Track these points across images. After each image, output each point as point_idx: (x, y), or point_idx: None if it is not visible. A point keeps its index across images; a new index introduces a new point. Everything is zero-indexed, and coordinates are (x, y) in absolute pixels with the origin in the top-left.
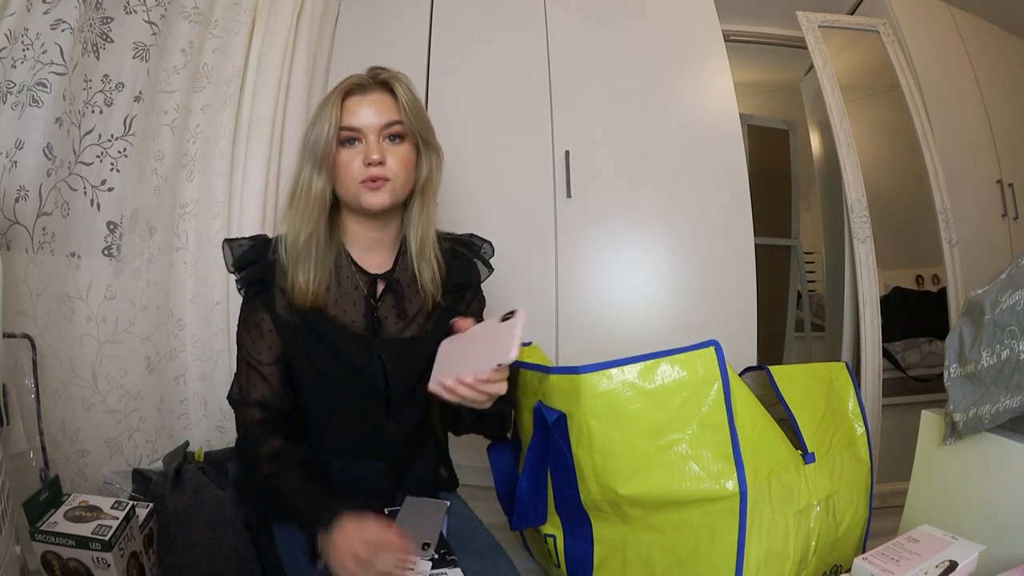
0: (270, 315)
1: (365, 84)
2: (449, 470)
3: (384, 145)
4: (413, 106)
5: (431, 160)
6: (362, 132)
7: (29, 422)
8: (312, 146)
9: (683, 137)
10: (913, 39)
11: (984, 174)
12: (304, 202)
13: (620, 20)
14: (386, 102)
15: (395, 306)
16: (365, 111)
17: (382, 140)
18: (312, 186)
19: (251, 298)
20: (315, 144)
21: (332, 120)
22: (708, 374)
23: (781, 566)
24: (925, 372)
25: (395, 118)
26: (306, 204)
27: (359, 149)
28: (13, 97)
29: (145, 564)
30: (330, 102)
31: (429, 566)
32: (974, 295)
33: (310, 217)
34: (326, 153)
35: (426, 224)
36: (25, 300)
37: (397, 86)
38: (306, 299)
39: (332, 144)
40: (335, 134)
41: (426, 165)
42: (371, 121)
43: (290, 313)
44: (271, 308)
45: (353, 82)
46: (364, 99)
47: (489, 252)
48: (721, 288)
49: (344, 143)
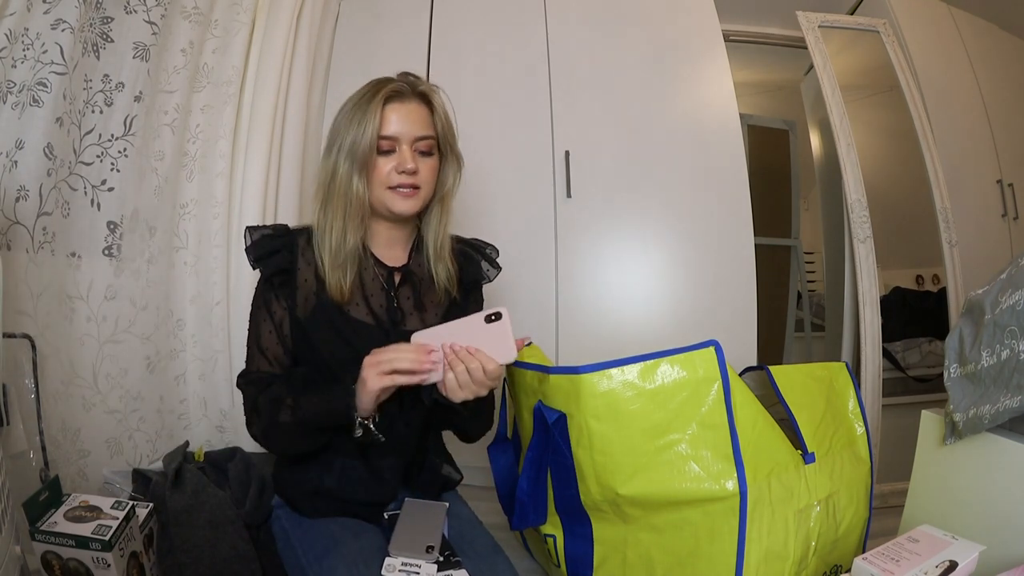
0: (289, 306)
1: (404, 92)
2: (453, 465)
3: (415, 155)
4: (446, 120)
5: (453, 168)
6: (398, 141)
7: (29, 422)
8: (351, 148)
9: (683, 137)
10: (913, 39)
11: (984, 174)
12: (343, 203)
13: (620, 20)
14: (423, 114)
15: (411, 297)
16: (403, 121)
17: (414, 150)
18: (354, 187)
19: (275, 287)
20: (353, 146)
21: (374, 125)
22: (708, 374)
23: (781, 566)
24: (925, 372)
25: (430, 132)
26: (346, 205)
27: (393, 156)
28: (13, 97)
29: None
30: (371, 107)
31: (435, 568)
32: (974, 295)
33: (353, 221)
34: (366, 158)
35: (444, 229)
36: (25, 300)
37: (435, 99)
38: (342, 296)
39: (373, 150)
40: (375, 141)
41: (450, 173)
42: (407, 131)
43: (308, 305)
44: (292, 299)
45: (394, 88)
46: (402, 108)
47: (494, 254)
48: (721, 288)
49: (380, 151)
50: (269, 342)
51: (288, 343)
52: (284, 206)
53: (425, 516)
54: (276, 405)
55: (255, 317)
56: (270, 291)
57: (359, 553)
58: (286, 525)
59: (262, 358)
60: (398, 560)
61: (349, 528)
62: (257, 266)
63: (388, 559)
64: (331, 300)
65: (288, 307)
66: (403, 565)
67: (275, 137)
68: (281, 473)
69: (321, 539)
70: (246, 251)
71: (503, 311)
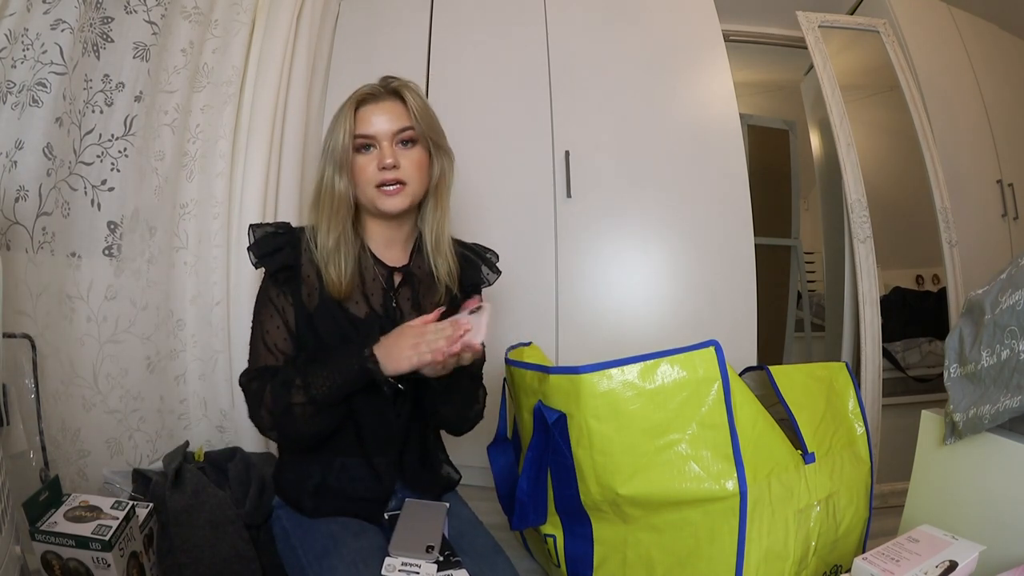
0: (294, 301)
1: (377, 93)
2: (452, 466)
3: (397, 150)
4: (423, 112)
5: (443, 162)
6: (376, 139)
7: (29, 422)
8: (332, 152)
9: (683, 137)
10: (913, 39)
11: (984, 174)
12: (329, 202)
13: (620, 20)
14: (397, 109)
15: (410, 298)
16: (377, 118)
17: (395, 145)
18: (336, 187)
19: (279, 283)
20: (334, 150)
21: (347, 128)
22: (708, 374)
23: (781, 566)
24: (925, 372)
25: (406, 124)
26: (332, 204)
27: (374, 155)
28: (13, 97)
29: (145, 564)
30: (344, 111)
31: (435, 568)
32: (974, 295)
33: (337, 218)
34: (344, 157)
35: (440, 221)
36: (25, 300)
37: (407, 93)
38: (340, 292)
39: (348, 149)
40: (350, 141)
41: (438, 166)
42: (383, 128)
43: (311, 302)
44: (297, 293)
45: (365, 92)
46: (376, 107)
47: (494, 258)
48: (721, 288)
49: (360, 150)
50: (276, 338)
51: (294, 339)
52: (284, 206)
53: (425, 516)
54: (287, 388)
55: (260, 314)
56: (275, 287)
57: (359, 553)
58: (286, 525)
59: (268, 354)
60: (398, 560)
61: (349, 528)
62: (260, 264)
63: (388, 559)
64: (332, 297)
65: (295, 302)
66: (403, 565)
67: (275, 137)
68: (281, 473)
69: (321, 539)
70: (248, 249)
71: (486, 305)
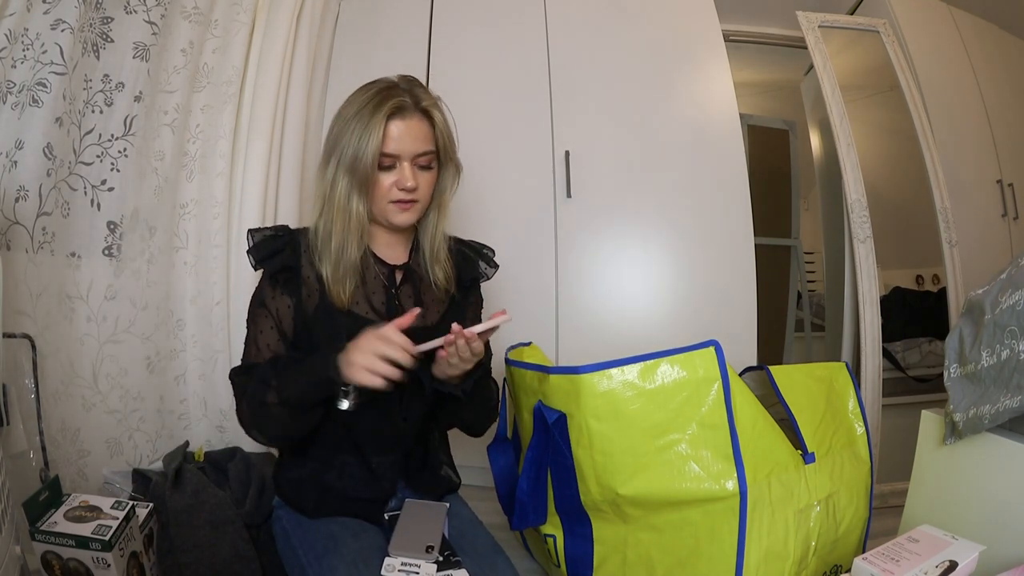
0: (294, 302)
1: (407, 108)
2: (453, 469)
3: (415, 171)
4: (446, 131)
5: (450, 174)
6: (399, 158)
7: (29, 422)
8: (352, 164)
9: (683, 137)
10: (913, 39)
11: (984, 174)
12: (343, 218)
13: (620, 20)
14: (424, 129)
15: (412, 296)
16: (405, 138)
17: (414, 165)
18: (353, 205)
19: (279, 284)
20: (355, 162)
21: (376, 143)
22: (708, 374)
23: (781, 566)
24: (925, 372)
25: (430, 148)
26: (345, 220)
27: (393, 172)
28: (13, 97)
29: (145, 564)
30: (375, 122)
31: (434, 568)
32: (974, 295)
33: (354, 236)
34: (367, 176)
35: (440, 232)
36: (25, 300)
37: (435, 115)
38: (343, 300)
39: (374, 168)
40: (377, 159)
41: (447, 180)
42: (408, 148)
43: (312, 302)
44: (297, 295)
45: (396, 104)
46: (405, 125)
47: (491, 253)
48: (721, 288)
49: (382, 167)
50: (269, 338)
51: (288, 339)
52: (284, 206)
53: (425, 516)
54: (263, 386)
55: (254, 314)
56: (272, 288)
57: (359, 553)
58: (286, 525)
59: (259, 354)
60: (398, 560)
61: (349, 528)
62: (260, 267)
63: (388, 559)
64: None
65: (293, 304)
66: (403, 565)
67: (275, 137)
68: (281, 473)
69: (321, 539)
70: (248, 253)
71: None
